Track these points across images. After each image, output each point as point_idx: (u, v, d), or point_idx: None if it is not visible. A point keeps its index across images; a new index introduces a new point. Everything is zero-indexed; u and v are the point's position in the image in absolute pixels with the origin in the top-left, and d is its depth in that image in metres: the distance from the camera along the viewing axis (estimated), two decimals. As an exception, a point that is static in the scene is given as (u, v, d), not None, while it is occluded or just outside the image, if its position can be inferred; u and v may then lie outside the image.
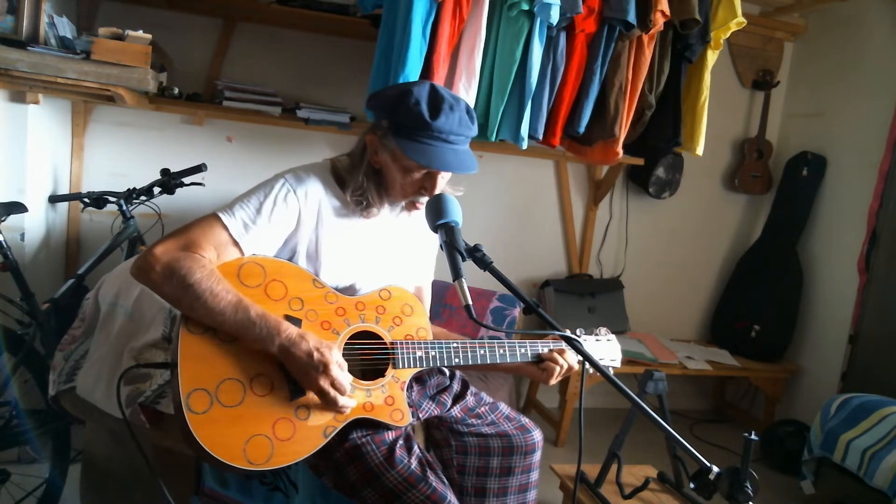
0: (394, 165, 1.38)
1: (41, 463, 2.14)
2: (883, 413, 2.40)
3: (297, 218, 1.37)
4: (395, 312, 1.45)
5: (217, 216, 1.30)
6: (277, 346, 1.22)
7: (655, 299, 3.76)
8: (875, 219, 3.16)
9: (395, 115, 1.34)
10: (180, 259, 1.22)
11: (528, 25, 2.34)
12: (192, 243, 1.26)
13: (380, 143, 1.39)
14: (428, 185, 1.39)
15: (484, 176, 3.32)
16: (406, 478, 1.31)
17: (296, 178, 1.38)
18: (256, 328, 1.22)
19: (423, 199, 1.40)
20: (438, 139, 1.33)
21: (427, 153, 1.32)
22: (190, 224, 1.30)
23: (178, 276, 1.21)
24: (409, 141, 1.33)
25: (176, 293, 1.22)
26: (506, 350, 1.51)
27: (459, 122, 1.35)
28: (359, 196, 1.40)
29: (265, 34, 2.93)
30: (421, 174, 1.38)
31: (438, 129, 1.32)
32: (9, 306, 2.14)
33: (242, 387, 1.23)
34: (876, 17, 3.32)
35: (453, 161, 1.34)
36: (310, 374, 1.23)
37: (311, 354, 1.22)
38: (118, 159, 2.81)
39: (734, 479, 1.03)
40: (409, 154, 1.32)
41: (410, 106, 1.32)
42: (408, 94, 1.33)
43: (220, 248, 1.29)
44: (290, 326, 1.24)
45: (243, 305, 1.22)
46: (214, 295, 1.20)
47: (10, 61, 2.00)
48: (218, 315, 1.21)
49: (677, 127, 2.81)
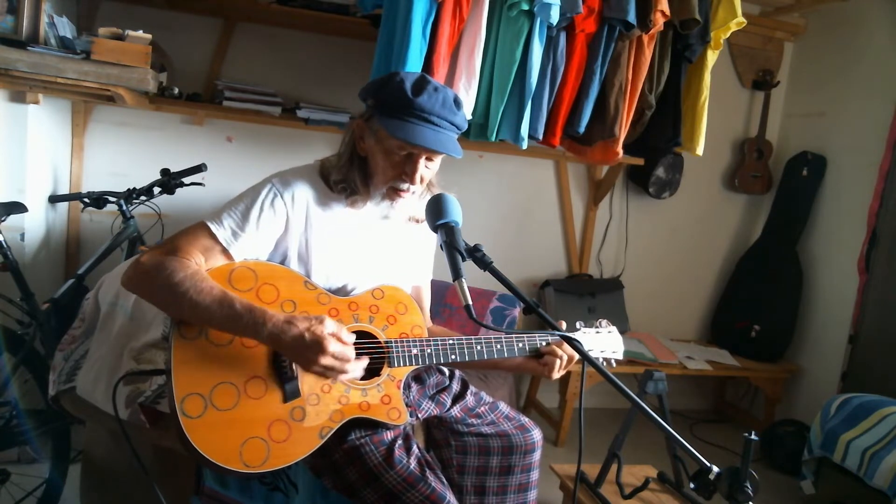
0: (377, 148, 1.38)
1: (41, 463, 2.14)
2: (883, 413, 2.40)
3: (285, 222, 1.37)
4: (389, 311, 1.45)
5: (205, 224, 1.31)
6: (267, 336, 1.19)
7: (655, 299, 3.76)
8: (875, 219, 3.16)
9: (379, 94, 1.35)
10: (164, 261, 1.23)
11: (528, 25, 2.34)
12: (178, 249, 1.26)
13: (365, 126, 1.40)
14: (408, 169, 1.37)
15: (484, 176, 3.33)
16: (405, 478, 1.31)
17: (282, 181, 1.38)
18: (243, 320, 1.19)
19: (405, 186, 1.39)
20: (420, 118, 1.32)
21: (405, 129, 1.32)
22: (177, 233, 1.31)
23: (162, 276, 1.21)
24: (391, 119, 1.33)
25: (162, 294, 1.22)
26: (503, 345, 1.50)
27: (443, 103, 1.34)
28: (343, 183, 1.40)
29: (265, 34, 2.93)
30: (402, 156, 1.37)
31: (420, 107, 1.31)
32: (9, 306, 2.14)
33: (237, 390, 1.23)
34: (876, 17, 3.32)
35: (431, 138, 1.33)
36: (307, 357, 1.18)
37: (303, 336, 1.18)
38: (118, 159, 2.81)
39: (734, 479, 1.03)
40: (388, 129, 1.32)
41: (395, 84, 1.33)
42: (395, 76, 1.35)
43: (209, 254, 1.29)
44: (276, 314, 1.21)
45: (228, 299, 1.20)
46: (199, 291, 1.20)
47: (10, 61, 2.00)
48: (204, 312, 1.19)
49: (677, 127, 2.81)
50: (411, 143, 1.32)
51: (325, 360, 1.18)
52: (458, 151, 1.37)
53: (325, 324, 1.20)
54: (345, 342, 1.21)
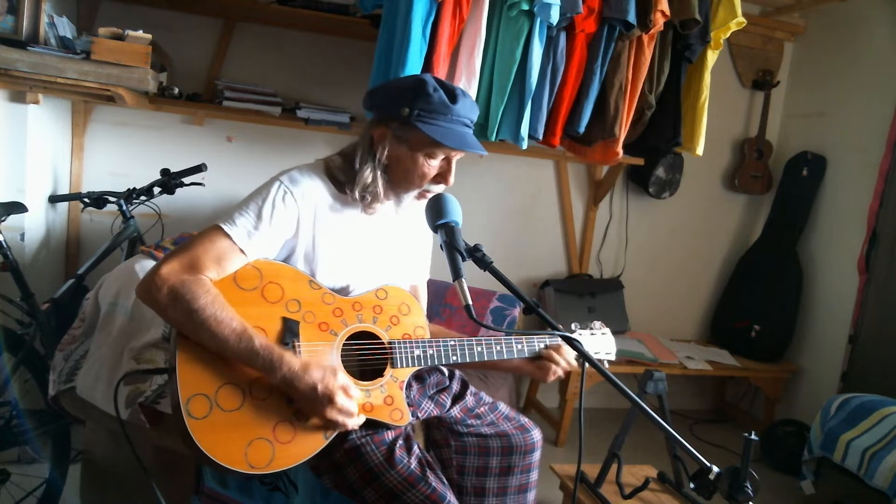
0: (410, 155, 1.39)
1: (41, 463, 2.14)
2: (883, 413, 2.40)
3: (296, 219, 1.37)
4: (393, 312, 1.45)
5: (219, 227, 1.30)
6: (280, 379, 1.22)
7: (655, 299, 3.76)
8: (875, 219, 3.16)
9: (417, 103, 1.36)
10: (185, 283, 1.22)
11: (528, 25, 2.34)
12: (197, 262, 1.26)
13: (393, 135, 1.40)
14: (446, 171, 1.43)
15: (484, 176, 3.33)
16: (406, 478, 1.31)
17: (291, 179, 1.38)
18: (260, 358, 1.21)
19: (438, 188, 1.44)
20: (459, 122, 1.38)
21: (451, 134, 1.36)
22: (193, 240, 1.30)
23: (182, 301, 1.21)
24: (433, 126, 1.35)
25: (180, 318, 1.22)
26: (503, 347, 1.51)
27: (472, 107, 1.42)
28: (366, 192, 1.40)
29: (265, 34, 2.93)
30: (440, 161, 1.41)
31: (458, 112, 1.37)
32: (9, 306, 2.14)
33: (241, 391, 1.23)
34: (876, 17, 3.32)
35: (473, 141, 1.40)
36: (315, 407, 1.24)
37: (315, 388, 1.21)
38: (118, 159, 2.81)
39: (734, 479, 1.03)
40: (437, 137, 1.34)
41: (430, 93, 1.35)
42: (423, 83, 1.37)
43: (226, 260, 1.29)
44: (293, 359, 1.23)
45: (247, 335, 1.22)
46: (219, 322, 1.20)
47: (10, 61, 2.00)
48: (221, 342, 1.21)
49: (677, 127, 2.81)
50: (462, 148, 1.38)
51: (332, 413, 1.23)
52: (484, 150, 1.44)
53: (337, 377, 1.25)
54: (351, 396, 1.26)
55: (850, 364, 3.23)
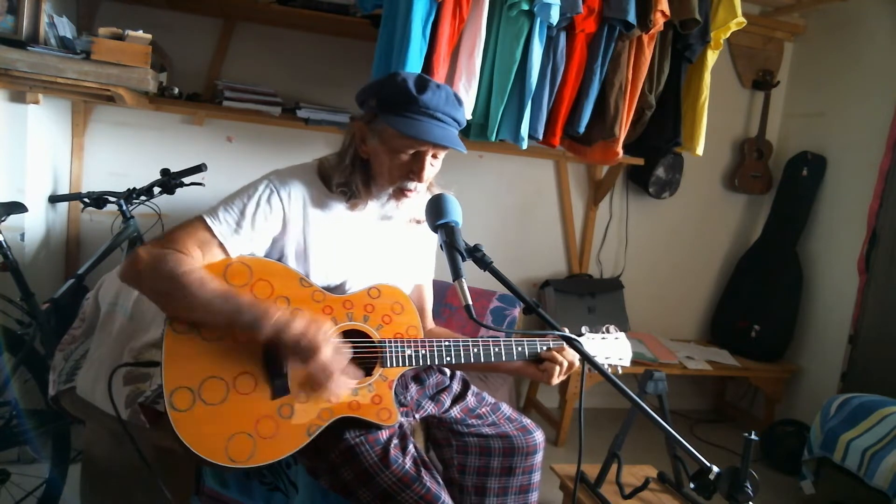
0: (382, 149, 1.37)
1: (41, 463, 2.14)
2: (883, 413, 2.40)
3: (282, 219, 1.37)
4: (385, 311, 1.44)
5: (202, 219, 1.31)
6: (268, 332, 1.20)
7: (655, 299, 3.76)
8: (875, 219, 3.16)
9: (382, 93, 1.35)
10: (166, 254, 1.23)
11: (528, 25, 2.34)
12: (176, 243, 1.26)
13: (367, 128, 1.39)
14: (416, 167, 1.37)
15: (484, 176, 3.33)
16: (400, 478, 1.31)
17: (280, 179, 1.38)
18: (247, 315, 1.20)
19: (412, 185, 1.39)
20: (426, 114, 1.33)
21: (414, 126, 1.32)
22: (174, 228, 1.31)
23: (164, 268, 1.21)
24: (396, 116, 1.33)
25: (162, 286, 1.21)
26: (501, 349, 1.49)
27: (446, 100, 1.36)
28: (344, 186, 1.40)
29: (265, 34, 2.93)
30: (409, 155, 1.37)
31: (425, 104, 1.32)
32: (9, 306, 2.14)
33: (226, 385, 1.23)
34: (876, 17, 3.32)
35: (440, 134, 1.34)
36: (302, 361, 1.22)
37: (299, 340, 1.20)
38: (118, 159, 2.81)
39: (734, 479, 1.03)
40: (397, 127, 1.32)
41: (398, 83, 1.33)
42: (395, 76, 1.35)
43: (205, 249, 1.29)
44: (282, 312, 1.22)
45: (233, 293, 1.23)
46: (203, 283, 1.21)
47: (10, 61, 2.00)
48: (205, 303, 1.20)
49: (677, 127, 2.81)
50: (422, 139, 1.33)
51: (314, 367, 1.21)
52: (463, 146, 1.38)
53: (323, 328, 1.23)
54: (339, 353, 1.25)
55: (849, 364, 3.23)
